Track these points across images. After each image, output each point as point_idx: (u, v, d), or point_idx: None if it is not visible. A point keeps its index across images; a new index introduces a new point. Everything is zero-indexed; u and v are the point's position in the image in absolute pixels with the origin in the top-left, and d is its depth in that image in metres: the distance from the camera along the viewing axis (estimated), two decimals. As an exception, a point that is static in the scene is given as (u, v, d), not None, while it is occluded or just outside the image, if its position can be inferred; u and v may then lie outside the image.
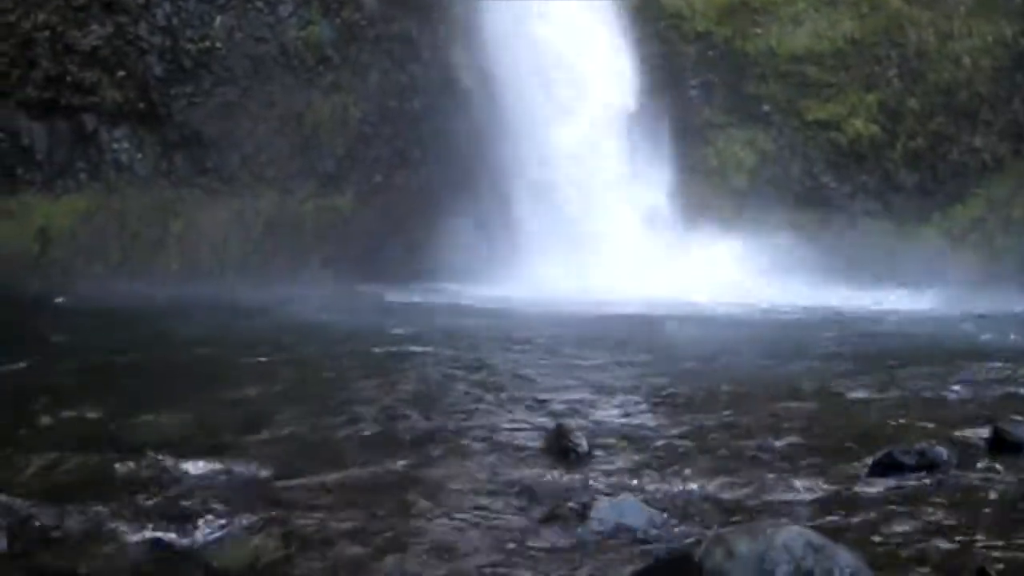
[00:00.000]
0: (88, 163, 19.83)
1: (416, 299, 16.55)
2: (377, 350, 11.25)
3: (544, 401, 8.37)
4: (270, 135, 19.97)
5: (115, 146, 19.88)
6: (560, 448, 6.71)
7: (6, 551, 4.99)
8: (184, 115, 19.65)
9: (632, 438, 7.14)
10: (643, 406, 8.25)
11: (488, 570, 4.78)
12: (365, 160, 20.31)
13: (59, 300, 16.13)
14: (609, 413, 7.93)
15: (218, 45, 19.72)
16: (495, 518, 5.51)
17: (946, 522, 5.32)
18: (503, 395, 8.66)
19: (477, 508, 5.67)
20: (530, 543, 5.16)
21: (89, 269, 19.17)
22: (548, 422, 7.35)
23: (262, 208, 19.82)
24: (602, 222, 18.80)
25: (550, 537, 5.24)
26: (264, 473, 6.13)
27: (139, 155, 19.96)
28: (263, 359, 10.61)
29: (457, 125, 19.17)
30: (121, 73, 19.50)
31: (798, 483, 6.09)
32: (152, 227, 19.68)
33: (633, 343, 11.85)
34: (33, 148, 19.60)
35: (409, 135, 20.25)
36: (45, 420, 7.59)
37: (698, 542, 4.45)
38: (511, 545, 5.13)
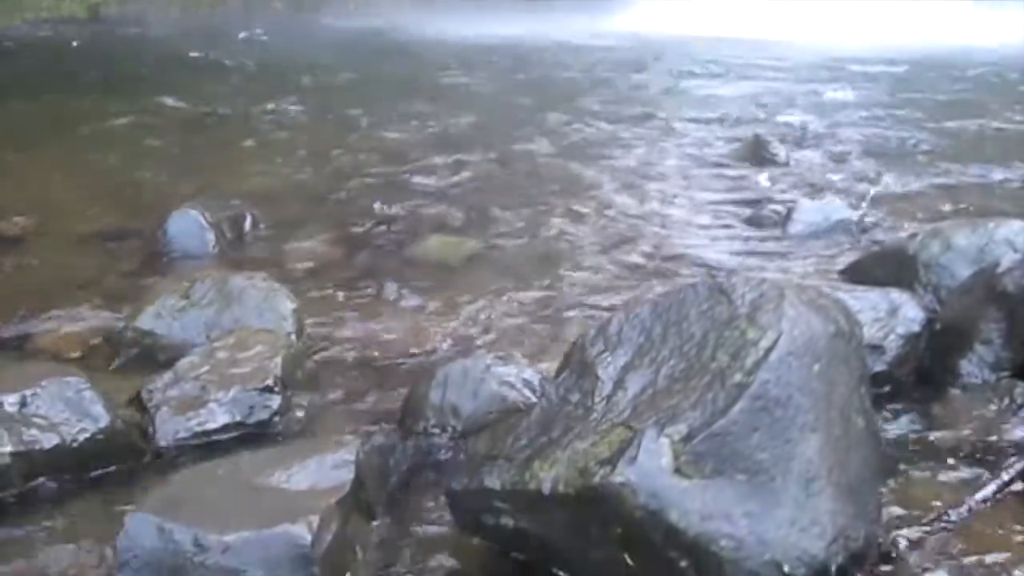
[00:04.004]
0: (264, -103, 19.63)
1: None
2: (574, 69, 11.12)
3: (742, 115, 8.16)
4: None
5: None
6: (758, 157, 6.56)
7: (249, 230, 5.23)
8: None
9: (834, 150, 6.91)
10: (851, 121, 7.92)
11: (696, 268, 4.72)
12: None
13: (242, 35, 16.23)
14: (813, 128, 7.66)
15: None
16: (697, 220, 5.44)
17: None
18: (702, 110, 8.46)
19: (678, 211, 5.60)
20: (735, 244, 5.08)
21: (269, 4, 19.24)
22: (747, 133, 7.15)
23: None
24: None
25: (753, 239, 5.15)
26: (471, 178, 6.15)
27: None
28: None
29: None
30: None
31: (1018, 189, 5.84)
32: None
33: (840, 70, 11.33)
34: None
35: None
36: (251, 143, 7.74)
37: (913, 235, 4.29)
38: (717, 244, 5.07)
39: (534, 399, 3.00)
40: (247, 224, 5.38)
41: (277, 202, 5.83)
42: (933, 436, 3.21)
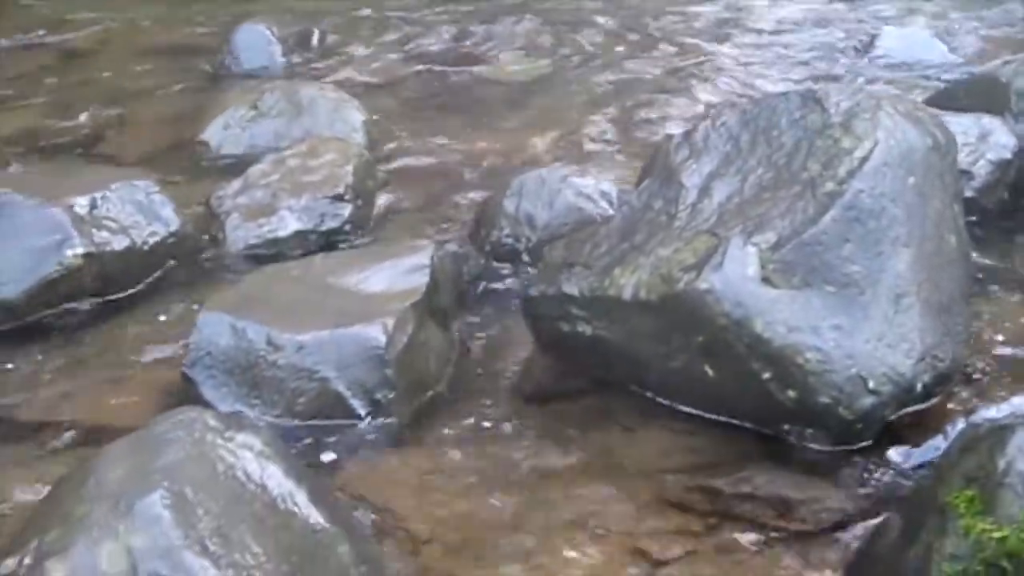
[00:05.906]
0: None
1: None
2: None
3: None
4: None
5: None
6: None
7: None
8: None
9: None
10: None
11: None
12: None
13: None
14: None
15: None
16: (778, 50, 5.22)
17: None
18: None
19: (759, 39, 5.40)
20: (817, 72, 4.88)
21: None
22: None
23: None
24: None
25: (837, 66, 4.94)
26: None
27: None
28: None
29: None
30: None
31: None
32: None
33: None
34: None
35: None
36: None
37: (1006, 62, 4.08)
38: (798, 71, 4.87)
39: (611, 211, 2.92)
40: (315, 39, 5.28)
41: (345, 19, 5.69)
42: (1022, 264, 3.10)
